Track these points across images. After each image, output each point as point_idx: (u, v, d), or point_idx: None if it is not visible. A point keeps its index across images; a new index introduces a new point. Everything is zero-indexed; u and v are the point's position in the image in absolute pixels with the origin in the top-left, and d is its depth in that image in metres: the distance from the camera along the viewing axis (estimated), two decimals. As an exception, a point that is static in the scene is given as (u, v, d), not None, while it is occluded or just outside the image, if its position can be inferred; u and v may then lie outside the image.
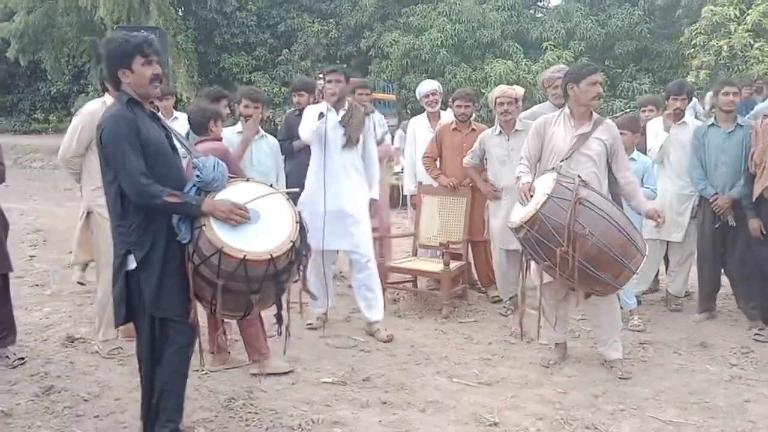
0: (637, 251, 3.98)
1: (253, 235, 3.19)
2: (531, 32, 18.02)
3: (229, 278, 3.12)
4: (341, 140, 4.99)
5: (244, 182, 3.48)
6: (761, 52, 12.92)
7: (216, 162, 3.28)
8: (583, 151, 4.27)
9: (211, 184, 3.24)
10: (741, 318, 5.35)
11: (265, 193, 3.35)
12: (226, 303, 3.21)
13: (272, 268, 3.16)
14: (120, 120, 3.10)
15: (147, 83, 3.19)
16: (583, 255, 3.88)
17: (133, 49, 3.15)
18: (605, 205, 3.98)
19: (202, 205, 3.13)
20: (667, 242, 5.61)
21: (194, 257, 3.16)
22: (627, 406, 3.89)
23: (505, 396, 4.05)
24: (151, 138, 3.15)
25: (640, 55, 18.20)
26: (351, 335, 5.05)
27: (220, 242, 3.08)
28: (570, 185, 3.97)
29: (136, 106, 3.19)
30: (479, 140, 5.57)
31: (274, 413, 3.81)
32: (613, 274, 3.96)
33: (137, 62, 3.16)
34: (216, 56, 20.51)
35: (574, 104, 4.33)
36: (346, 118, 5.00)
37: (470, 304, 5.90)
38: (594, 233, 3.86)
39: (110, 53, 3.18)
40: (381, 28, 19.32)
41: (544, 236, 3.94)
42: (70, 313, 5.61)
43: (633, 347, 4.79)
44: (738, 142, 5.13)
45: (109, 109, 3.23)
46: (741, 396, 4.02)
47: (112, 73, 3.20)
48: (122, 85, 3.20)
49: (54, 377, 4.30)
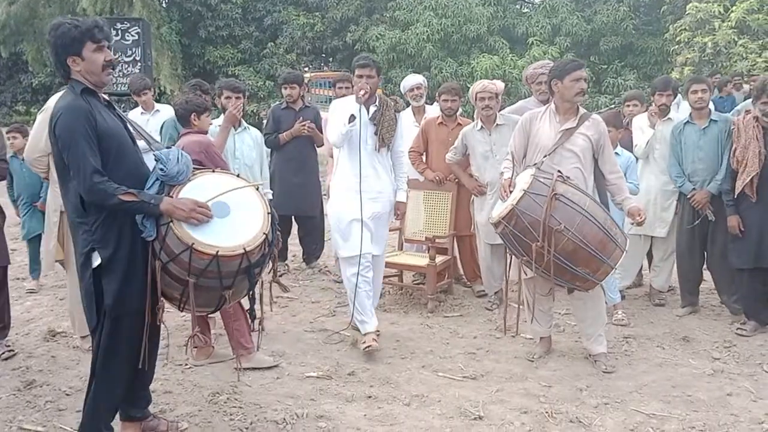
0: (616, 247, 3.98)
1: (224, 229, 3.07)
2: (517, 27, 18.07)
3: (200, 275, 3.01)
4: (372, 140, 4.69)
5: (210, 173, 3.32)
6: (745, 49, 13.01)
7: (179, 154, 3.12)
8: (567, 147, 4.27)
9: (175, 178, 3.07)
10: (723, 312, 5.40)
11: (233, 187, 3.21)
12: (197, 299, 3.09)
13: (246, 262, 3.06)
14: (75, 111, 2.91)
15: (100, 70, 3.01)
16: (559, 250, 3.89)
17: (83, 35, 2.96)
18: (583, 201, 3.97)
19: (160, 204, 2.96)
20: (651, 237, 5.65)
21: (161, 255, 3.03)
22: (611, 400, 3.91)
23: (490, 390, 4.06)
24: (110, 129, 2.99)
25: (625, 51, 18.30)
26: (336, 330, 5.03)
27: (190, 238, 2.96)
28: (547, 181, 3.97)
29: (91, 95, 3.02)
30: (461, 136, 5.55)
31: (259, 408, 3.80)
32: (591, 269, 3.97)
33: (88, 48, 2.98)
34: (200, 49, 20.40)
35: (558, 100, 4.34)
36: (378, 116, 4.67)
37: (455, 299, 5.91)
38: (570, 229, 3.87)
39: (58, 40, 2.97)
40: (367, 22, 19.30)
41: (521, 231, 3.96)
42: (52, 307, 5.56)
43: (617, 341, 4.81)
44: (713, 138, 5.17)
45: (63, 99, 3.02)
46: (723, 389, 4.05)
47: (61, 61, 3.00)
48: (72, 74, 3.02)
49: (36, 371, 4.26)
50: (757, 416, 3.70)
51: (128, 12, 17.55)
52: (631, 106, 6.09)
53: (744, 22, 13.37)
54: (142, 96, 6.74)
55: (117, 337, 3.07)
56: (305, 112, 6.60)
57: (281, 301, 5.67)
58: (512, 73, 16.12)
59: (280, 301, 5.65)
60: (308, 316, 5.43)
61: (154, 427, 3.45)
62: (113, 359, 3.10)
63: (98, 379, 3.11)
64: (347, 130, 4.54)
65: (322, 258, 6.92)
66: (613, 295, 5.21)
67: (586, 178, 4.29)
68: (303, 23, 19.94)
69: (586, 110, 4.42)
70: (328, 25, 20.10)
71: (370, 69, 4.63)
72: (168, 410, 3.74)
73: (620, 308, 5.29)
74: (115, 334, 3.06)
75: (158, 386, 3.98)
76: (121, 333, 3.08)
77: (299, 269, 6.80)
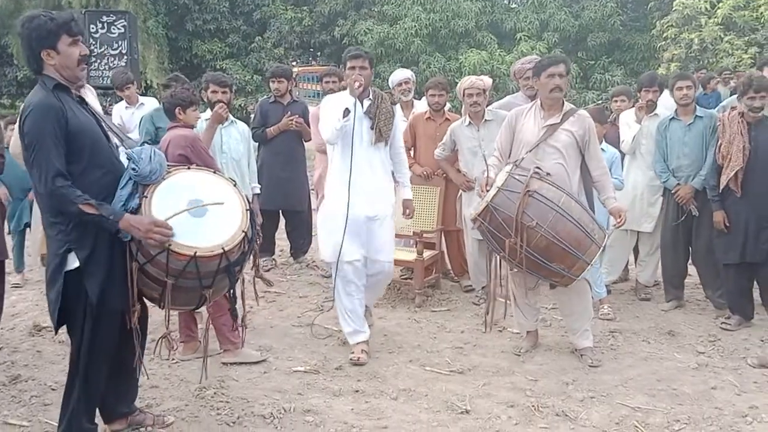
0: (592, 243, 3.98)
1: (202, 228, 3.01)
2: (505, 23, 18.08)
3: (179, 276, 2.97)
4: (368, 134, 4.41)
5: (185, 171, 3.23)
6: (731, 46, 13.09)
7: (152, 152, 3.03)
8: (550, 143, 4.27)
9: (148, 177, 2.99)
10: (708, 307, 5.44)
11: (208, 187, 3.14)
12: (177, 299, 3.06)
13: (225, 261, 3.02)
14: (45, 110, 2.82)
15: (75, 65, 2.94)
16: (532, 246, 3.92)
17: (59, 28, 2.88)
18: (558, 198, 3.98)
19: (119, 222, 2.86)
20: (638, 232, 5.68)
21: (138, 256, 2.98)
22: (597, 394, 3.93)
23: (477, 384, 4.07)
24: (82, 126, 2.91)
25: (612, 47, 18.36)
26: (324, 324, 5.03)
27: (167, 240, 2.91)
28: (522, 178, 3.99)
29: (63, 91, 2.94)
30: (449, 132, 5.56)
31: (246, 402, 3.79)
32: (565, 265, 3.98)
33: (64, 42, 2.90)
34: (187, 42, 20.24)
35: (541, 96, 4.36)
36: (373, 109, 4.41)
37: (443, 293, 5.92)
38: (542, 225, 3.89)
39: (33, 32, 2.87)
40: (355, 16, 19.23)
41: (496, 228, 4.01)
42: (37, 301, 5.52)
43: (603, 336, 4.84)
44: (698, 134, 5.21)
45: (34, 95, 2.91)
46: (707, 383, 4.08)
47: (35, 54, 2.90)
48: (45, 68, 2.92)
49: (21, 366, 4.24)
50: (740, 409, 3.73)
51: (114, 5, 17.39)
52: (619, 102, 6.12)
53: (730, 18, 13.46)
54: (125, 90, 6.71)
55: (98, 336, 3.03)
56: (293, 106, 6.58)
57: (268, 296, 5.66)
58: (500, 68, 16.13)
59: (268, 296, 5.65)
60: (296, 311, 5.42)
61: (141, 421, 3.43)
62: (95, 358, 3.06)
63: (81, 378, 3.08)
64: (342, 125, 4.26)
65: (310, 253, 6.91)
66: (600, 290, 5.24)
67: (569, 174, 4.28)
68: (291, 17, 19.85)
69: (573, 106, 4.44)
70: (316, 19, 20.03)
71: (362, 60, 4.39)
72: (155, 405, 3.73)
73: (606, 303, 5.32)
74: (96, 333, 3.02)
75: (144, 381, 3.95)
76: (103, 332, 3.04)
77: (286, 264, 6.79)
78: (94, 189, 2.91)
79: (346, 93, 4.41)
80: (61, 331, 4.65)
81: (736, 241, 4.85)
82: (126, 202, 2.95)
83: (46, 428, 3.48)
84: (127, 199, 2.96)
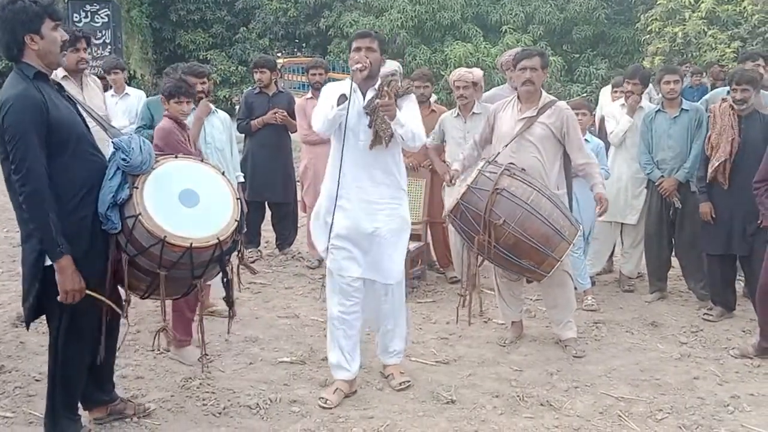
0: (561, 240, 3.99)
1: (196, 218, 3.00)
2: (491, 15, 18.06)
3: (172, 267, 2.96)
4: (365, 134, 3.64)
5: (173, 160, 3.19)
6: (714, 40, 13.16)
7: (141, 141, 2.99)
8: (526, 136, 4.28)
9: (139, 167, 2.94)
10: (691, 298, 5.49)
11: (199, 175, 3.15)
12: (167, 289, 3.04)
13: (218, 251, 3.03)
14: (28, 103, 2.74)
15: (57, 50, 2.87)
16: (501, 243, 3.96)
17: (43, 11, 2.80)
18: (527, 195, 3.99)
19: (61, 258, 2.77)
20: (622, 224, 5.72)
21: (128, 248, 2.94)
22: (581, 384, 3.97)
23: (462, 374, 4.09)
24: (64, 119, 2.84)
25: (597, 40, 18.41)
26: (309, 315, 5.03)
27: (162, 231, 2.87)
28: (492, 176, 4.02)
29: (42, 80, 2.86)
30: (440, 122, 5.60)
31: (232, 393, 3.79)
32: (535, 261, 4.01)
33: (47, 26, 2.82)
34: (171, 33, 20.10)
35: (518, 90, 4.39)
36: (373, 103, 3.57)
37: (429, 285, 5.94)
38: (510, 223, 3.92)
39: (17, 16, 2.77)
40: (341, 7, 19.15)
41: (466, 224, 4.06)
42: (20, 292, 5.45)
43: (587, 327, 4.88)
44: (683, 127, 5.25)
45: (14, 85, 2.80)
46: (690, 373, 4.13)
47: (17, 39, 2.80)
48: (25, 55, 2.83)
49: (4, 357, 4.20)
50: (722, 399, 3.78)
51: (98, -6, 17.22)
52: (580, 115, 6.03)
53: (714, 12, 13.52)
54: (112, 74, 6.65)
55: (76, 329, 3.01)
56: (278, 97, 6.56)
57: (254, 287, 5.65)
58: (485, 60, 16.13)
59: (253, 287, 5.64)
60: (281, 302, 5.42)
61: (121, 410, 3.43)
62: (74, 349, 3.04)
63: (60, 369, 3.06)
64: (335, 113, 3.51)
65: (295, 244, 6.90)
66: (584, 282, 5.28)
67: (546, 168, 4.29)
68: (276, 8, 19.74)
69: (553, 98, 4.43)
70: (301, 10, 19.93)
71: (370, 39, 3.67)
72: (140, 396, 3.72)
73: (590, 294, 5.36)
74: (74, 326, 3.00)
75: (130, 372, 3.96)
76: (81, 325, 3.02)
77: (272, 255, 6.77)
78: (76, 181, 2.89)
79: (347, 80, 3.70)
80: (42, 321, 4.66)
81: (721, 233, 4.88)
82: (116, 193, 2.90)
83: (31, 419, 3.46)
84: (117, 189, 2.91)
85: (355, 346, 3.81)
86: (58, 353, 3.04)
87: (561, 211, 4.08)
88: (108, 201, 2.89)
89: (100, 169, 2.96)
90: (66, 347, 3.03)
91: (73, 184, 2.87)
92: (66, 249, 2.80)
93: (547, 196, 4.08)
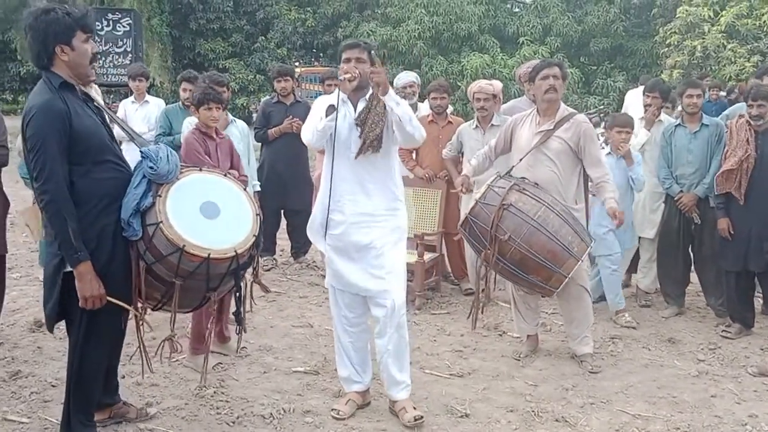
0: (569, 256, 3.95)
1: (216, 230, 3.03)
2: (508, 27, 18.08)
3: (188, 277, 2.97)
4: (356, 145, 3.53)
5: (197, 172, 3.23)
6: (734, 54, 13.09)
7: (168, 152, 3.03)
8: (542, 150, 4.26)
9: (165, 177, 2.99)
10: (709, 314, 5.43)
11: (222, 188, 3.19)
12: (181, 301, 3.07)
13: (235, 264, 3.05)
14: (51, 113, 2.79)
15: (87, 62, 2.92)
16: (507, 259, 3.98)
17: (75, 23, 2.84)
18: (535, 210, 3.97)
19: (79, 265, 2.83)
20: (639, 238, 5.68)
21: (147, 255, 2.97)
22: (596, 400, 3.93)
23: (476, 388, 4.07)
24: (87, 129, 2.88)
25: (615, 52, 18.36)
26: (323, 325, 5.03)
27: (182, 240, 2.89)
28: (501, 191, 4.02)
29: (68, 90, 2.90)
30: (458, 133, 5.63)
31: (246, 402, 3.79)
32: (542, 277, 4.00)
33: (79, 38, 2.87)
34: (191, 41, 20.28)
35: (537, 102, 4.39)
36: (364, 113, 3.49)
37: (443, 296, 5.92)
38: (516, 239, 3.92)
39: (49, 27, 2.82)
40: (358, 18, 19.26)
41: (474, 238, 4.11)
42: (38, 297, 5.49)
43: (603, 342, 4.83)
44: (703, 142, 5.20)
45: (40, 95, 2.86)
46: (707, 391, 4.08)
47: (48, 49, 2.85)
48: (54, 65, 2.88)
49: (21, 362, 4.23)
50: (740, 418, 3.73)
51: (119, 3, 17.42)
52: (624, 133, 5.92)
53: (733, 26, 13.46)
54: (136, 81, 6.80)
55: (96, 334, 3.05)
56: (296, 107, 6.58)
57: (269, 296, 5.65)
58: (502, 72, 16.13)
59: (268, 296, 5.63)
60: (296, 312, 5.42)
61: (124, 413, 3.46)
62: (93, 355, 3.08)
63: (79, 375, 3.09)
64: (324, 125, 3.47)
65: (310, 253, 6.91)
66: (619, 300, 5.25)
67: (563, 182, 4.26)
68: (294, 18, 19.89)
69: (572, 110, 4.40)
70: (319, 20, 20.06)
71: (360, 50, 3.54)
72: (155, 403, 3.73)
73: (626, 312, 5.29)
74: (94, 332, 3.04)
75: (144, 379, 3.96)
76: (101, 331, 3.05)
77: (287, 264, 6.78)
78: (99, 190, 2.93)
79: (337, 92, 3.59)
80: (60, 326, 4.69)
81: (738, 249, 4.84)
82: (140, 201, 2.94)
83: (46, 425, 3.48)
84: (141, 197, 2.95)
85: (365, 357, 3.77)
86: (77, 358, 3.07)
87: (571, 227, 4.03)
88: (131, 208, 2.93)
89: (125, 179, 3.00)
90: (86, 352, 3.05)
91: (96, 193, 2.91)
92: (84, 256, 2.84)
93: (557, 211, 4.04)
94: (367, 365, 3.79)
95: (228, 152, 4.39)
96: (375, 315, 3.61)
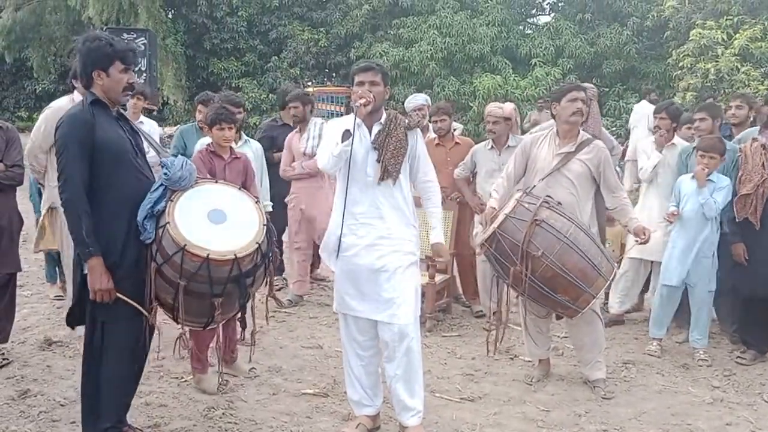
0: (598, 276, 3.92)
1: (218, 235, 3.16)
2: (520, 48, 18.12)
3: (191, 278, 3.08)
4: (374, 169, 3.53)
5: (212, 183, 3.46)
6: (747, 77, 13.04)
7: (184, 161, 3.25)
8: (563, 172, 4.24)
9: (177, 182, 3.19)
10: (723, 340, 5.37)
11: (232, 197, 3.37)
12: (189, 306, 3.15)
13: (236, 270, 3.12)
14: (76, 121, 3.09)
15: (120, 90, 3.21)
16: (537, 276, 3.89)
17: (116, 54, 3.15)
18: (567, 228, 3.93)
19: (90, 259, 3.05)
20: (651, 262, 5.62)
21: (157, 257, 3.11)
22: (610, 427, 3.88)
23: (487, 412, 4.02)
24: (109, 141, 3.12)
25: (627, 74, 18.34)
26: (333, 346, 5.00)
27: (183, 240, 3.04)
28: (531, 206, 3.97)
29: (100, 106, 3.17)
30: (471, 153, 5.65)
31: (254, 424, 3.77)
32: (570, 297, 3.93)
33: (116, 67, 3.16)
34: (205, 61, 20.45)
35: (558, 123, 4.35)
36: (381, 137, 3.53)
37: (454, 318, 5.88)
38: (549, 255, 3.85)
39: (91, 53, 3.15)
40: (371, 38, 19.36)
41: (501, 255, 3.99)
42: (49, 315, 5.52)
43: (616, 367, 4.78)
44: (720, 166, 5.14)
45: (73, 107, 3.23)
46: (722, 419, 4.02)
47: (87, 71, 3.18)
48: (93, 86, 3.19)
49: (30, 381, 4.22)
50: (756, 447, 3.67)
51: (134, 22, 17.61)
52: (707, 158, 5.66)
53: (747, 49, 13.42)
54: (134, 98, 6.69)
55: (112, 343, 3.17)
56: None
57: (278, 316, 5.64)
58: (514, 93, 16.16)
59: (278, 316, 5.63)
60: (305, 332, 5.40)
61: None
62: (114, 364, 3.18)
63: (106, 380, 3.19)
64: (340, 150, 3.41)
65: (322, 268, 6.89)
66: (657, 330, 5.16)
67: (580, 204, 4.24)
68: (307, 38, 20.01)
69: (590, 136, 4.40)
70: (332, 40, 20.18)
71: (374, 73, 3.54)
72: (163, 424, 3.70)
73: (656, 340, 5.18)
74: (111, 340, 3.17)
75: (153, 399, 3.95)
76: (117, 338, 3.18)
77: (298, 284, 6.75)
78: (117, 198, 3.15)
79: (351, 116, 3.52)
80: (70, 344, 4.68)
81: (753, 275, 4.78)
82: (155, 204, 3.14)
83: (54, 445, 3.46)
84: (156, 201, 3.15)
85: (376, 381, 3.72)
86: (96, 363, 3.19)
87: (598, 247, 4.02)
88: (146, 211, 3.13)
89: (144, 189, 3.19)
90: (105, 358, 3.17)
91: (115, 198, 3.14)
92: (96, 251, 3.06)
93: (585, 230, 4.03)
94: (378, 389, 3.75)
95: (240, 171, 4.39)
96: (383, 339, 3.55)
